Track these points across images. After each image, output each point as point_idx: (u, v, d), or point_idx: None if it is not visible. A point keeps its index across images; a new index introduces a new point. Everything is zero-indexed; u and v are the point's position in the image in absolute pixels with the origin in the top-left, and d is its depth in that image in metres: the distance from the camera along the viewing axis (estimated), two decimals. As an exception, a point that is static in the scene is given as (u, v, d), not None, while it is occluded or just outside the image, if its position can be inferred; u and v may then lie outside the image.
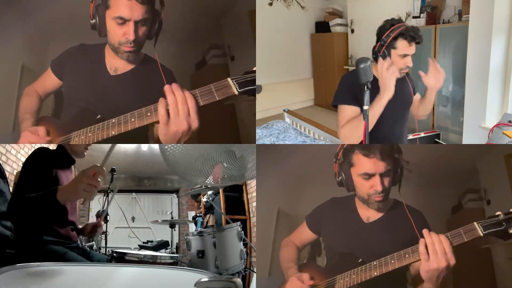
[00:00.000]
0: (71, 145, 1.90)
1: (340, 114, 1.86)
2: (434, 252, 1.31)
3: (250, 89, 1.27)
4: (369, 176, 1.54)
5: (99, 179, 1.40)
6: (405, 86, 1.98)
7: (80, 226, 2.13)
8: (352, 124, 1.78)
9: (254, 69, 1.31)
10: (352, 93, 1.79)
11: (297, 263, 1.72)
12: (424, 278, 1.33)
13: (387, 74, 1.73)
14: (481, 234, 1.31)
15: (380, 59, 1.80)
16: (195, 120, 1.26)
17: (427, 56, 3.07)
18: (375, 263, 1.43)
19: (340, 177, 1.61)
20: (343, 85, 1.92)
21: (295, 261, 1.74)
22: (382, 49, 1.83)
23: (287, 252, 1.78)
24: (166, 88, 1.26)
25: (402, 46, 1.82)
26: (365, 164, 1.54)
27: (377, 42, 1.88)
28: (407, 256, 1.38)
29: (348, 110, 1.83)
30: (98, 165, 1.41)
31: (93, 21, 1.61)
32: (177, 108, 1.24)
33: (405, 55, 1.84)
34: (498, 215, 1.33)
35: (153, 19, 1.62)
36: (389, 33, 1.82)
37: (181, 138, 1.28)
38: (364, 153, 1.54)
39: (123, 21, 1.55)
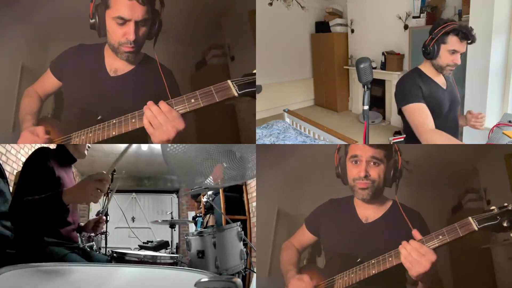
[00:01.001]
0: (73, 145, 1.90)
1: (416, 112, 1.83)
2: (414, 261, 1.34)
3: (249, 91, 1.29)
4: (356, 160, 1.59)
5: (105, 183, 1.43)
6: (454, 89, 2.00)
7: (82, 224, 2.13)
8: (444, 137, 1.77)
9: (254, 71, 1.32)
10: (418, 91, 1.82)
11: (297, 266, 1.73)
12: (418, 280, 1.37)
13: None
14: (476, 228, 1.33)
15: None
16: (180, 123, 1.30)
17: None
18: (373, 261, 1.44)
19: (337, 170, 1.65)
20: (407, 85, 1.90)
21: (295, 263, 1.75)
22: (431, 42, 1.83)
23: (287, 254, 1.79)
24: None
25: (453, 41, 1.82)
26: (354, 148, 1.62)
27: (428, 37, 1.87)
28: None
29: (423, 108, 1.82)
30: (104, 172, 1.45)
31: (93, 20, 1.60)
32: (157, 120, 1.29)
33: (454, 52, 1.83)
34: (492, 209, 1.35)
35: (153, 20, 1.62)
36: (441, 28, 1.82)
37: (174, 140, 1.32)
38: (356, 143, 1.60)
39: (124, 21, 1.55)
